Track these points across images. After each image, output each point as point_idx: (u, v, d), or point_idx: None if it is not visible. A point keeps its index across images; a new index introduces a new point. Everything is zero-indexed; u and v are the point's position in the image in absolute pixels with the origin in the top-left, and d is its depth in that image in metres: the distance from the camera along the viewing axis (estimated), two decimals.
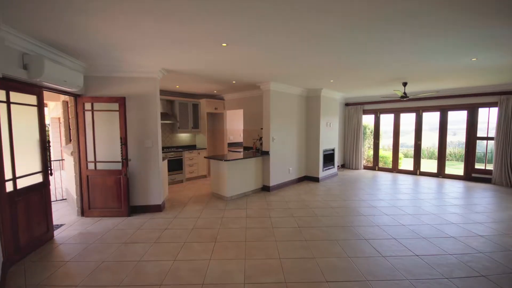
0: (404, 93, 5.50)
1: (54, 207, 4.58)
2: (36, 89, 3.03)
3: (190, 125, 6.93)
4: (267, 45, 3.01)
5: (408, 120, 7.73)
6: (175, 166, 6.34)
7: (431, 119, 7.38)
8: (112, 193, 4.00)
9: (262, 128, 5.83)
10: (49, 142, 3.23)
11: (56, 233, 3.46)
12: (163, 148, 6.54)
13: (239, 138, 8.54)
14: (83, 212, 4.03)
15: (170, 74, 4.47)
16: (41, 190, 3.12)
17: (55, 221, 3.78)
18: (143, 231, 3.50)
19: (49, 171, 3.20)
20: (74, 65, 3.54)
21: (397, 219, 3.94)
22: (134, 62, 3.72)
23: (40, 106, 3.10)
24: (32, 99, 3.01)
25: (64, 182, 5.65)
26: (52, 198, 3.80)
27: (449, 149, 8.90)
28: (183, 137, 7.18)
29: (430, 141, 8.38)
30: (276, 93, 5.59)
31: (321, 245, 3.07)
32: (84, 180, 3.98)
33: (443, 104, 6.82)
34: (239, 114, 8.19)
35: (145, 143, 4.15)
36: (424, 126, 7.33)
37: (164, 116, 6.37)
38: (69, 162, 4.40)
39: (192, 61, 3.72)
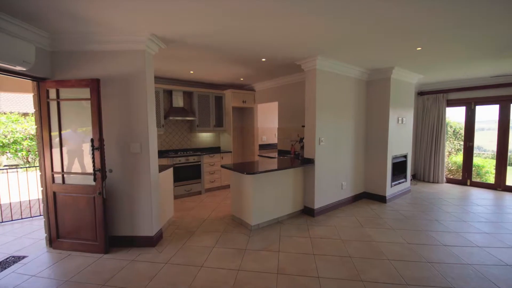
0: None
1: (32, 226, 3.61)
2: None
3: (212, 122, 5.59)
4: None
5: None
6: (191, 173, 5.05)
7: None
8: (85, 218, 2.79)
9: (303, 126, 4.15)
10: None
11: (6, 272, 2.42)
12: (177, 151, 5.31)
13: (274, 139, 6.94)
14: (51, 242, 2.92)
15: (170, 47, 3.11)
16: None
17: (20, 249, 2.81)
18: None
19: None
20: (21, 31, 2.38)
21: None
22: (110, 25, 2.43)
23: None
24: None
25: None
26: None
27: None
28: (204, 137, 5.88)
29: None
30: (324, 75, 3.85)
31: None
32: (50, 199, 2.86)
33: None
34: (273, 108, 6.60)
35: (131, 147, 2.85)
36: None
37: (180, 111, 5.13)
38: None
39: (195, 20, 2.27)
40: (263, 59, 3.73)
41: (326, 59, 3.70)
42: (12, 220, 3.85)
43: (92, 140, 2.62)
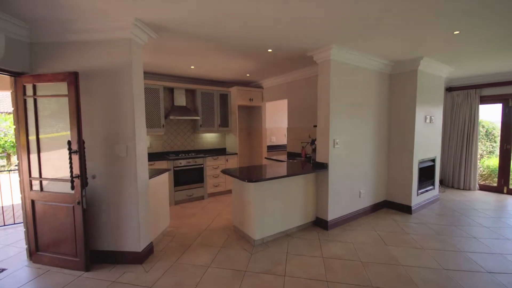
0: None
1: (17, 234, 3.36)
2: None
3: (217, 122, 5.21)
4: None
5: None
6: (193, 177, 4.68)
7: None
8: (64, 230, 2.47)
9: (315, 126, 3.68)
10: None
11: None
12: (179, 152, 4.97)
13: (284, 140, 6.47)
14: (31, 255, 2.62)
15: (162, 37, 2.74)
16: None
17: (1, 261, 2.64)
18: None
19: None
20: None
21: None
22: (90, 9, 2.09)
23: None
24: None
25: None
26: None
27: None
28: (208, 138, 5.51)
29: None
30: (340, 67, 3.35)
31: None
32: (29, 207, 2.56)
33: None
34: (283, 107, 6.15)
35: (116, 150, 2.50)
36: None
37: (182, 110, 4.78)
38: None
39: (184, 2, 1.88)
40: (270, 50, 3.29)
41: (342, 49, 3.20)
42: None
43: (69, 142, 2.29)
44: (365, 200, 3.90)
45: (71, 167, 2.31)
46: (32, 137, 2.47)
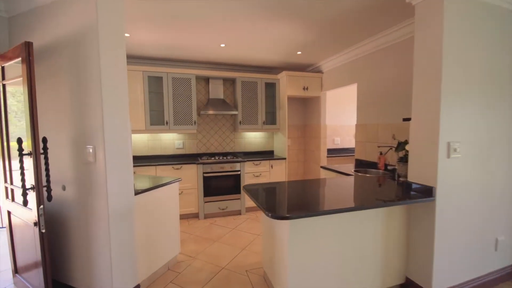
0: None
1: None
2: None
3: (261, 118, 4.16)
4: None
5: None
6: (229, 186, 3.76)
7: None
8: (29, 255, 1.86)
9: (407, 120, 2.19)
10: None
11: None
12: (214, 154, 4.14)
13: (352, 141, 4.92)
14: (13, 275, 2.15)
15: None
16: None
17: None
18: None
19: None
20: None
21: None
22: None
23: None
24: None
25: None
26: None
27: None
28: (251, 138, 4.51)
29: None
30: (463, 9, 1.77)
31: None
32: (6, 219, 2.07)
33: None
34: (349, 96, 4.66)
35: (84, 154, 1.73)
36: None
37: (217, 104, 3.94)
38: None
39: None
40: None
41: None
42: None
43: (19, 140, 1.62)
44: (507, 256, 2.13)
45: (22, 175, 1.65)
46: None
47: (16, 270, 2.09)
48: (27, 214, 1.77)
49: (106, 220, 1.68)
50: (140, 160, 3.74)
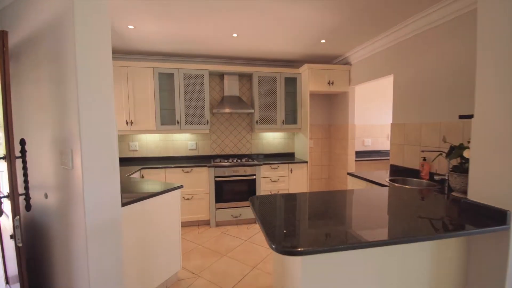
0: None
1: None
2: None
3: (280, 117, 3.77)
4: None
5: None
6: (243, 191, 3.43)
7: None
8: (14, 265, 1.70)
9: (465, 117, 1.66)
10: None
11: None
12: (229, 156, 3.85)
13: (385, 143, 4.32)
14: (5, 285, 2.04)
15: None
16: None
17: None
18: None
19: None
20: None
21: None
22: None
23: None
24: None
25: None
26: None
27: None
28: (270, 139, 4.13)
29: None
30: None
31: None
32: None
33: None
34: (382, 91, 4.08)
35: (62, 158, 1.51)
36: None
37: (231, 101, 3.64)
38: None
39: None
40: None
41: None
42: None
43: None
44: None
45: None
46: None
47: (7, 280, 1.97)
48: (6, 224, 1.61)
49: (84, 237, 1.44)
50: (151, 162, 3.57)
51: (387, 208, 1.59)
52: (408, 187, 2.15)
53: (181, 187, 2.17)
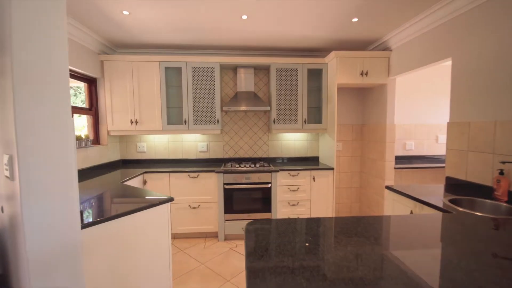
0: None
1: None
2: None
3: (302, 115, 3.25)
4: None
5: None
6: (256, 201, 2.99)
7: None
8: None
9: None
10: None
11: None
12: (243, 160, 3.43)
13: (435, 147, 3.54)
14: None
15: None
16: None
17: None
18: None
19: None
20: None
21: None
22: None
23: None
24: None
25: None
26: None
27: None
28: (290, 140, 3.62)
29: None
30: None
31: None
32: None
33: None
34: (432, 84, 3.34)
35: (6, 167, 1.19)
36: None
37: (245, 98, 3.22)
38: None
39: None
40: None
41: None
42: None
43: None
44: None
45: None
46: None
47: None
48: None
49: (26, 270, 1.10)
50: (158, 165, 3.29)
51: (455, 257, 1.00)
52: (479, 214, 1.50)
53: (171, 199, 1.78)
